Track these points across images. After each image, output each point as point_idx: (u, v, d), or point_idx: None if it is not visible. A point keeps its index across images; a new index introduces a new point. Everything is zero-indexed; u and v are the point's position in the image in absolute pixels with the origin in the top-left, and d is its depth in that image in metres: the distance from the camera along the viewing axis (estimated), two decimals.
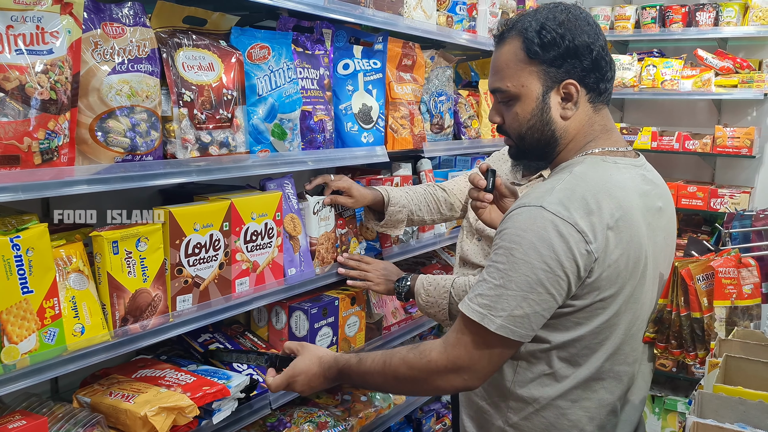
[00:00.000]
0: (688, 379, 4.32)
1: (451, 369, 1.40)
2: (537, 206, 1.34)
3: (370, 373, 1.52)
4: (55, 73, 1.42)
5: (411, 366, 1.45)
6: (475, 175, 1.78)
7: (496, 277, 1.35)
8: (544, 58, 1.43)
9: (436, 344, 1.43)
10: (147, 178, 1.65)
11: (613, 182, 1.41)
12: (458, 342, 1.39)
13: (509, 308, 1.33)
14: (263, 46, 2.00)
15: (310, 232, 2.17)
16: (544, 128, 1.48)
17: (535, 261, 1.31)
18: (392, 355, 1.49)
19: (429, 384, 1.45)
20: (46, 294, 1.49)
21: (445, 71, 3.02)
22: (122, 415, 1.68)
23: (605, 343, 1.43)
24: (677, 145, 4.37)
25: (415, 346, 1.47)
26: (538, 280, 1.32)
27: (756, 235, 2.28)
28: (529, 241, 1.32)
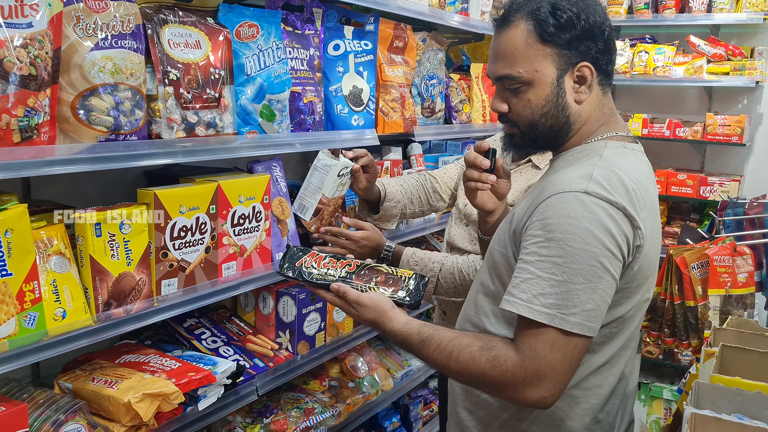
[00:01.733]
0: (674, 366, 4.33)
1: (528, 383, 1.27)
2: (581, 192, 1.27)
3: (433, 360, 1.40)
4: (35, 48, 1.36)
5: (482, 372, 1.31)
6: (475, 155, 1.63)
7: (556, 272, 1.25)
8: (559, 41, 1.36)
9: (511, 353, 1.29)
10: (131, 159, 1.60)
11: (638, 171, 1.38)
12: (535, 353, 1.26)
13: (581, 303, 1.24)
14: (252, 24, 1.95)
15: (324, 189, 2.02)
16: (559, 114, 1.41)
17: (596, 248, 1.24)
18: (460, 347, 1.35)
19: (500, 394, 1.34)
20: (25, 277, 1.45)
21: (436, 54, 2.97)
22: (105, 402, 1.64)
23: (623, 331, 1.40)
24: (668, 133, 4.36)
25: (487, 346, 1.33)
26: (603, 266, 1.25)
27: (749, 223, 2.27)
28: (585, 228, 1.25)
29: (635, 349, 1.51)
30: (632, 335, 1.45)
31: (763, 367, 1.38)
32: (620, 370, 1.45)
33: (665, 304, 1.92)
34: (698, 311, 1.91)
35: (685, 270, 1.94)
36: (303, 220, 2.04)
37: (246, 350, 2.16)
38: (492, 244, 1.51)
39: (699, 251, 1.97)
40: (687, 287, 1.94)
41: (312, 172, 2.04)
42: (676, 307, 1.89)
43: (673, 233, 4.32)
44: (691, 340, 1.99)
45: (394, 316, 1.48)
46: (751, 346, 1.43)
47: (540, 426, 1.44)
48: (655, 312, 1.95)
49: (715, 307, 1.87)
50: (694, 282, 1.88)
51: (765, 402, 1.19)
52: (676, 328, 1.98)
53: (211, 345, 2.12)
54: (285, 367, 2.18)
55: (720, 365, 1.39)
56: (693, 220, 4.41)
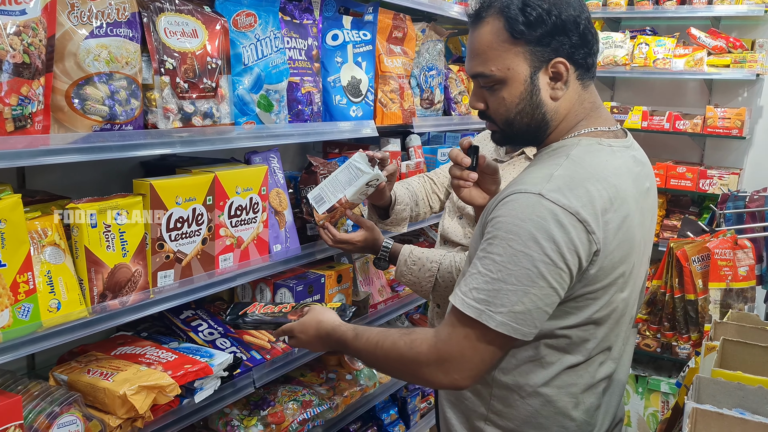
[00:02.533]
0: (671, 359, 4.33)
1: (438, 365, 1.32)
2: (535, 194, 1.26)
3: (364, 351, 1.47)
4: (28, 36, 1.34)
5: (401, 354, 1.38)
6: (457, 152, 1.65)
7: (492, 270, 1.26)
8: (530, 38, 1.33)
9: (428, 336, 1.35)
10: (127, 149, 1.58)
11: (610, 169, 1.34)
12: (450, 338, 1.31)
13: (509, 304, 1.25)
14: (249, 13, 1.92)
15: (347, 192, 1.97)
16: (534, 111, 1.38)
17: (536, 253, 1.23)
18: (385, 337, 1.42)
19: (415, 376, 1.39)
20: (19, 268, 1.43)
21: (436, 45, 2.95)
22: (100, 394, 1.63)
23: (595, 331, 1.38)
24: (668, 125, 4.34)
25: (408, 332, 1.40)
26: (539, 273, 1.24)
27: (750, 216, 2.26)
28: (528, 232, 1.24)
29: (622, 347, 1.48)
30: (611, 334, 1.41)
31: (764, 361, 1.37)
32: (600, 369, 1.43)
33: (665, 298, 1.90)
34: (698, 305, 1.89)
35: (685, 263, 1.93)
36: (315, 210, 2.01)
37: (243, 342, 2.15)
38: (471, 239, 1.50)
39: (700, 244, 1.95)
40: (687, 280, 1.92)
41: (343, 169, 2.00)
42: (676, 300, 1.88)
43: (672, 226, 4.31)
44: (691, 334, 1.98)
45: (331, 318, 1.60)
46: (752, 340, 1.42)
47: (515, 422, 1.44)
48: (655, 305, 1.94)
49: (716, 300, 1.86)
50: (694, 275, 1.87)
51: (766, 397, 1.18)
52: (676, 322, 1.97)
53: (208, 337, 2.11)
54: (282, 359, 2.17)
55: (721, 359, 1.38)
56: (692, 214, 4.40)
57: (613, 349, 1.44)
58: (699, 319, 1.90)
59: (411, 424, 3.09)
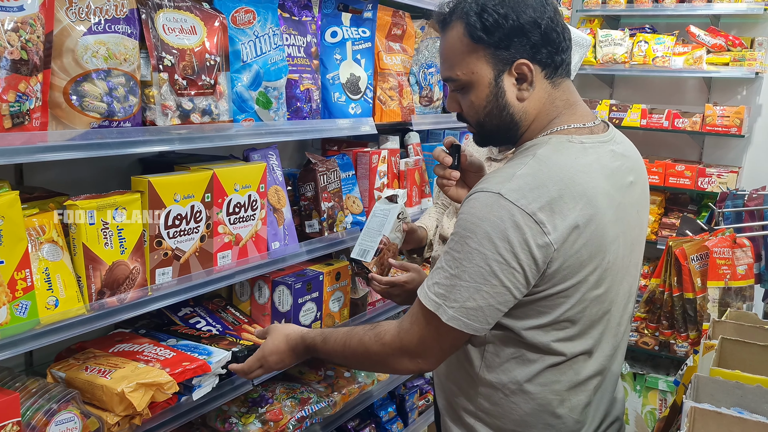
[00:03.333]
0: (669, 357, 4.33)
1: (404, 353, 1.40)
2: (495, 193, 1.28)
3: (334, 352, 1.54)
4: (26, 32, 1.34)
5: (367, 348, 1.45)
6: (440, 151, 1.68)
7: (451, 265, 1.30)
8: (490, 41, 1.35)
9: (392, 327, 1.43)
10: (125, 146, 1.58)
11: (577, 167, 1.33)
12: (411, 328, 1.38)
13: (461, 299, 1.29)
14: (248, 10, 1.92)
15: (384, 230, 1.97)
16: (502, 113, 1.40)
17: (489, 252, 1.25)
18: (351, 336, 1.49)
19: (385, 366, 1.46)
20: (17, 265, 1.43)
21: (435, 42, 2.94)
22: (98, 391, 1.63)
23: (571, 329, 1.37)
24: (666, 123, 4.34)
25: (372, 327, 1.47)
26: (491, 271, 1.26)
27: (749, 215, 2.26)
28: (484, 231, 1.26)
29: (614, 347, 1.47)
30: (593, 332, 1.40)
31: (762, 360, 1.37)
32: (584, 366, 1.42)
33: (664, 296, 1.90)
34: (697, 303, 1.89)
35: (684, 262, 1.93)
36: (364, 262, 1.97)
37: (241, 340, 2.14)
38: None
39: (698, 243, 1.95)
40: (686, 279, 1.92)
41: (371, 219, 2.03)
42: (674, 299, 1.88)
43: (671, 225, 4.32)
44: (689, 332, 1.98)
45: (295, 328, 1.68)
46: (751, 339, 1.42)
47: (502, 419, 1.44)
48: (654, 304, 1.94)
49: (714, 299, 1.86)
50: (693, 274, 1.87)
51: (765, 396, 1.18)
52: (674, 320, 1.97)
53: (206, 334, 2.10)
54: None
55: (719, 358, 1.38)
56: (691, 212, 4.40)
57: (598, 347, 1.42)
58: (697, 318, 1.90)
59: (409, 422, 3.09)
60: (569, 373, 1.41)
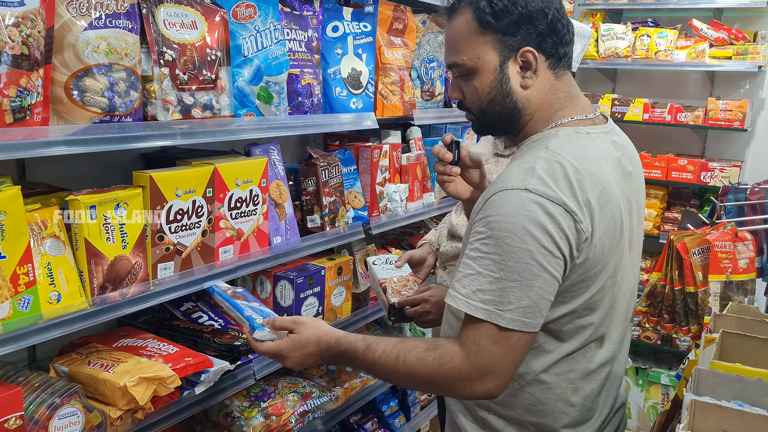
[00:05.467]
0: (672, 351, 4.34)
1: (475, 377, 1.31)
2: (521, 189, 1.28)
3: (379, 365, 1.41)
4: (27, 27, 1.34)
5: (431, 370, 1.35)
6: (439, 148, 1.67)
7: (494, 269, 1.28)
8: (498, 27, 1.37)
9: (456, 350, 1.33)
10: (127, 141, 1.58)
11: (589, 156, 1.36)
12: (479, 348, 1.30)
13: (516, 300, 1.27)
14: (249, 4, 1.92)
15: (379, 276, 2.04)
16: (505, 100, 1.42)
17: (533, 246, 1.26)
18: (406, 350, 1.38)
19: (450, 391, 1.37)
20: (19, 260, 1.43)
21: (436, 37, 2.94)
22: (101, 386, 1.63)
23: (590, 317, 1.40)
24: (669, 117, 4.32)
25: (432, 346, 1.36)
26: (539, 264, 1.26)
27: (750, 208, 2.25)
28: (522, 227, 1.26)
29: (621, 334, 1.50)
30: (607, 320, 1.43)
31: (763, 353, 1.37)
32: (598, 356, 1.45)
33: (665, 290, 1.90)
34: (698, 297, 1.89)
35: (685, 255, 1.92)
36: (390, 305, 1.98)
37: (243, 334, 2.15)
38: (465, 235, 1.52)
39: (700, 237, 1.95)
40: (687, 273, 1.92)
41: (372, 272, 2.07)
42: (676, 292, 1.88)
43: (673, 219, 4.31)
44: (690, 326, 1.98)
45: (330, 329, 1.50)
46: (752, 333, 1.42)
47: (517, 410, 1.45)
48: (655, 298, 1.93)
49: (716, 292, 1.86)
50: (694, 268, 1.86)
51: (765, 389, 1.18)
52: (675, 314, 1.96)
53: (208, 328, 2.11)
54: None
55: (720, 352, 1.38)
56: (693, 206, 4.39)
57: (608, 336, 1.46)
58: (699, 312, 1.90)
59: (411, 416, 3.09)
60: (582, 362, 1.43)
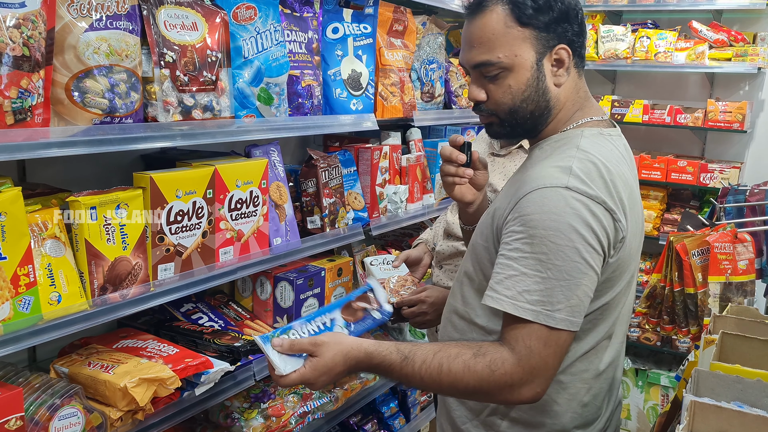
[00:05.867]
0: (671, 352, 4.34)
1: (525, 381, 1.28)
2: (561, 187, 1.27)
3: (420, 376, 1.34)
4: (28, 29, 1.34)
5: (480, 378, 1.29)
6: (451, 150, 1.63)
7: (540, 269, 1.25)
8: (538, 23, 1.35)
9: (506, 355, 1.28)
10: (127, 142, 1.58)
11: (615, 158, 1.37)
12: (531, 351, 1.26)
13: (565, 299, 1.25)
14: (249, 6, 1.92)
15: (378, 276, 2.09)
16: (540, 98, 1.40)
17: (579, 244, 1.25)
18: (450, 358, 1.32)
19: (496, 397, 1.33)
20: (20, 261, 1.43)
21: (436, 38, 2.94)
22: (101, 386, 1.63)
23: (608, 318, 1.41)
24: (669, 119, 4.32)
25: (480, 352, 1.31)
26: (586, 262, 1.26)
27: (750, 210, 2.26)
28: (568, 224, 1.25)
29: (624, 333, 1.52)
30: (618, 320, 1.45)
31: (763, 354, 1.37)
32: (607, 355, 1.46)
33: (665, 291, 1.91)
34: (698, 298, 1.90)
35: (685, 257, 1.93)
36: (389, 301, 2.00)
37: (243, 335, 2.15)
38: (474, 236, 1.51)
39: (699, 238, 1.95)
40: (687, 274, 1.92)
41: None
42: (675, 294, 1.88)
43: (673, 220, 4.31)
44: (690, 328, 1.98)
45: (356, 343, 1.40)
46: (752, 334, 1.42)
47: (530, 412, 1.45)
48: (655, 299, 1.94)
49: (715, 294, 1.86)
50: (694, 269, 1.87)
51: (765, 390, 1.18)
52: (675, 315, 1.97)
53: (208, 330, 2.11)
54: None
55: (720, 353, 1.38)
56: (693, 207, 4.39)
57: (615, 335, 1.46)
58: (698, 313, 1.91)
59: (411, 417, 3.09)
60: (595, 362, 1.44)
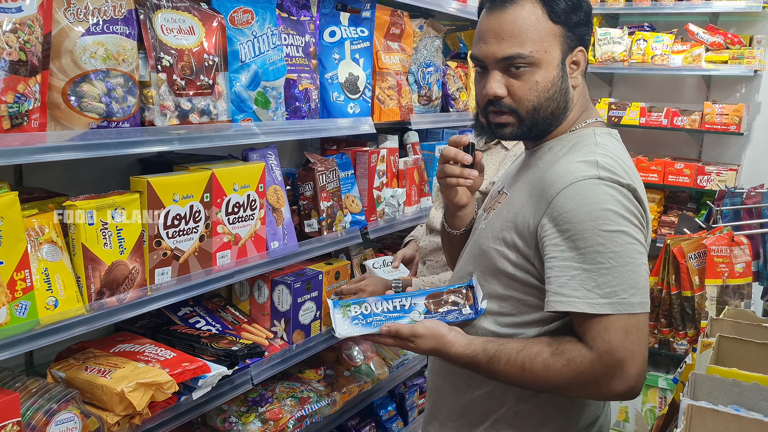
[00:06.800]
0: (669, 355, 4.34)
1: (612, 375, 1.28)
2: (594, 178, 1.30)
3: (504, 373, 1.38)
4: (24, 33, 1.34)
5: (560, 376, 1.32)
6: (456, 150, 1.57)
7: (602, 260, 1.26)
8: (568, 23, 1.36)
9: (584, 352, 1.30)
10: (124, 146, 1.58)
11: (626, 156, 1.41)
12: (609, 344, 1.27)
13: (633, 282, 1.27)
14: (246, 10, 1.92)
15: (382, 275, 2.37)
16: (561, 98, 1.40)
17: (627, 227, 1.28)
18: (531, 357, 1.34)
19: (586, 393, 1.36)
20: (16, 265, 1.43)
21: (433, 41, 2.94)
22: (98, 391, 1.63)
23: None
24: (665, 122, 4.33)
25: (558, 350, 1.33)
26: (639, 242, 1.30)
27: (747, 213, 2.26)
28: (613, 211, 1.28)
29: None
30: None
31: (760, 357, 1.37)
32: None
33: (662, 294, 1.91)
34: (695, 301, 1.90)
35: (682, 260, 1.93)
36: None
37: (241, 339, 2.15)
38: (485, 241, 1.47)
39: (696, 241, 1.96)
40: (684, 277, 1.93)
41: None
42: (672, 297, 1.88)
43: (670, 223, 4.31)
44: (687, 330, 1.98)
45: (454, 340, 1.43)
46: (748, 337, 1.42)
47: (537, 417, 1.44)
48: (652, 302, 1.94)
49: (712, 297, 1.86)
50: (691, 272, 1.87)
51: (762, 393, 1.18)
52: (672, 318, 1.97)
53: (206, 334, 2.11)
54: (280, 356, 2.17)
55: (717, 356, 1.38)
56: (690, 210, 4.40)
57: None
58: (696, 316, 1.91)
59: (409, 420, 3.09)
60: None
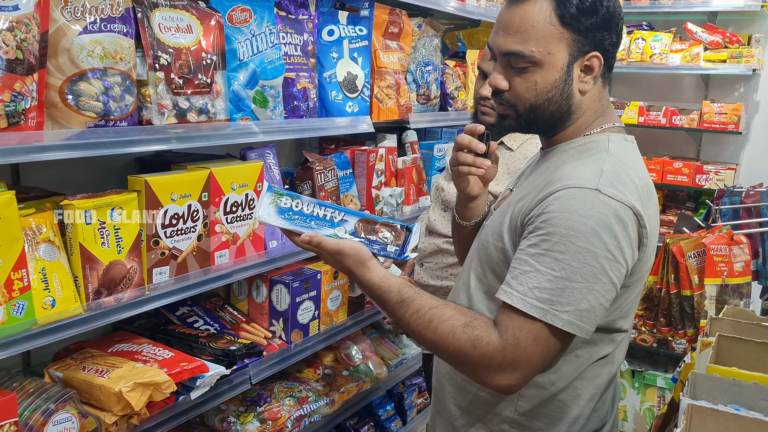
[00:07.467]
0: (668, 354, 4.33)
1: (503, 368, 1.27)
2: (591, 189, 1.25)
3: (407, 322, 1.35)
4: (21, 31, 1.33)
5: (460, 348, 1.29)
6: (470, 138, 1.51)
7: (554, 267, 1.23)
8: (578, 26, 1.31)
9: (494, 337, 1.27)
10: (122, 145, 1.58)
11: (639, 163, 1.37)
12: (518, 342, 1.25)
13: (575, 302, 1.23)
14: (244, 8, 1.91)
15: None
16: (562, 102, 1.36)
17: (599, 249, 1.22)
18: (442, 318, 1.32)
19: (470, 373, 1.33)
20: (13, 265, 1.43)
21: (432, 40, 2.94)
22: (96, 391, 1.63)
23: (621, 322, 1.39)
24: (664, 121, 4.34)
25: (470, 324, 1.30)
26: (602, 269, 1.23)
27: (746, 212, 2.26)
28: (591, 228, 1.22)
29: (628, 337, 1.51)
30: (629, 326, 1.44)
31: (759, 357, 1.37)
32: (616, 358, 1.45)
33: (661, 294, 1.91)
34: (694, 300, 1.90)
35: (681, 259, 1.93)
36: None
37: (239, 339, 2.14)
38: (485, 236, 1.47)
39: (695, 240, 1.96)
40: (683, 276, 1.93)
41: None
42: (672, 296, 1.89)
43: (668, 222, 4.31)
44: (686, 330, 1.98)
45: (373, 267, 1.39)
46: (748, 336, 1.42)
47: (543, 420, 1.43)
48: (651, 301, 1.95)
49: (711, 296, 1.86)
50: (690, 271, 1.87)
51: (762, 393, 1.18)
52: (671, 318, 1.97)
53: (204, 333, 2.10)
54: (278, 355, 2.17)
55: (716, 355, 1.38)
56: (688, 209, 4.40)
57: (622, 340, 1.45)
58: (695, 315, 1.91)
59: (408, 420, 3.09)
60: (608, 367, 1.43)
